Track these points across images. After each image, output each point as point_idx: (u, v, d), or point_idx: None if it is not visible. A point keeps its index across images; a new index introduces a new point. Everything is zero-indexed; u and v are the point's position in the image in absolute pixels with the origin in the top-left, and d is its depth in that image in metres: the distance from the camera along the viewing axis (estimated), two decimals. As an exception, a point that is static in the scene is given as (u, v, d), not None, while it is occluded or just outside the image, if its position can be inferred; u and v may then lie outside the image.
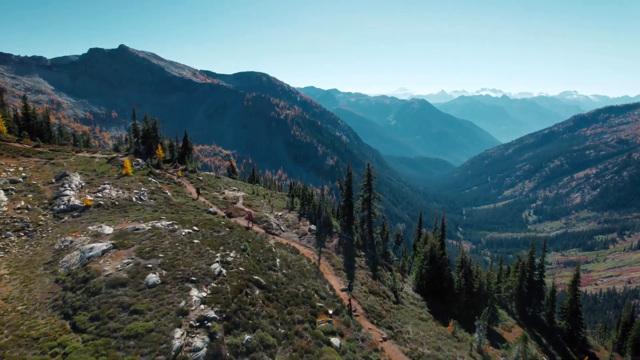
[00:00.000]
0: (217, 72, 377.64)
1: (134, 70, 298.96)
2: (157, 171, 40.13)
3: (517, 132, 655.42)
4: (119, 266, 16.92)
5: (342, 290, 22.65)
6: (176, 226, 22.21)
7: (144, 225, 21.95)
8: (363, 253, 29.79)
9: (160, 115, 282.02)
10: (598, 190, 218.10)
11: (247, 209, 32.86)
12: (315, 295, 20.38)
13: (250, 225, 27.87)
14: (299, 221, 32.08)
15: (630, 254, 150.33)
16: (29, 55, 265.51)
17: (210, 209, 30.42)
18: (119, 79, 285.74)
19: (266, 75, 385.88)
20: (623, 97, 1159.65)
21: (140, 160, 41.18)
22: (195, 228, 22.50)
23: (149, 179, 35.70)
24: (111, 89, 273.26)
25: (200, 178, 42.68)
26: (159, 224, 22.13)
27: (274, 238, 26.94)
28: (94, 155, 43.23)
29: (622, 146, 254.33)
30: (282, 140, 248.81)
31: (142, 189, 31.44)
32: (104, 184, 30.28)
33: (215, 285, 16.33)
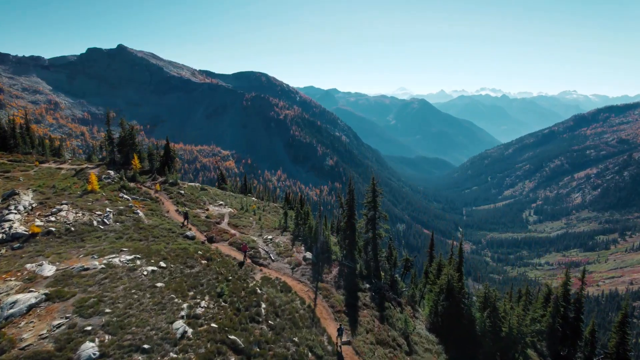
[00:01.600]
0: (216, 72, 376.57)
1: (133, 70, 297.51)
2: (132, 185, 35.34)
3: (517, 131, 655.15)
4: (46, 331, 12.60)
5: (344, 343, 18.84)
6: (138, 261, 18.57)
7: (96, 262, 17.83)
8: (367, 285, 25.72)
9: (159, 115, 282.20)
10: (599, 190, 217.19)
11: (232, 231, 29.13)
12: (310, 354, 16.41)
13: (244, 259, 23.77)
14: (292, 246, 27.68)
15: (632, 254, 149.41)
16: (27, 55, 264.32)
17: (188, 233, 26.28)
18: (117, 79, 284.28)
19: (265, 75, 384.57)
20: (623, 96, 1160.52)
21: (111, 173, 36.39)
22: (162, 264, 18.91)
23: (120, 195, 31.31)
24: (110, 89, 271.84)
25: (182, 192, 37.78)
26: (116, 260, 18.25)
27: (261, 270, 23.11)
28: (61, 166, 38.25)
29: (622, 146, 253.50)
30: (282, 140, 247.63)
31: (108, 209, 26.47)
32: (61, 205, 25.16)
33: (175, 356, 12.67)
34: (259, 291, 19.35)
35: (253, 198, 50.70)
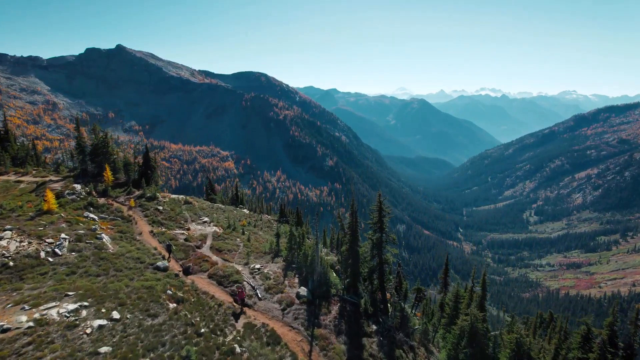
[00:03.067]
0: (216, 72, 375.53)
1: (132, 71, 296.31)
2: (102, 201, 30.88)
3: (516, 131, 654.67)
4: None
5: None
6: (84, 312, 14.50)
7: (24, 317, 13.41)
8: (374, 327, 21.70)
9: (158, 115, 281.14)
10: (600, 190, 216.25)
11: (213, 258, 25.13)
12: None
13: (240, 308, 19.47)
14: (284, 278, 23.52)
15: (634, 255, 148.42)
16: (25, 55, 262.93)
17: (159, 264, 22.03)
18: (116, 79, 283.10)
19: (265, 75, 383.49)
20: (622, 96, 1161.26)
21: (77, 187, 31.30)
22: (115, 314, 14.76)
23: (85, 214, 26.93)
24: (108, 90, 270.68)
25: (160, 208, 33.07)
26: (54, 312, 14.02)
27: (244, 313, 19.22)
28: (21, 179, 33.55)
29: (623, 146, 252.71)
30: (281, 140, 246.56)
31: (64, 234, 21.56)
32: (3, 231, 20.55)
33: None
34: (238, 349, 15.17)
35: (245, 210, 46.90)
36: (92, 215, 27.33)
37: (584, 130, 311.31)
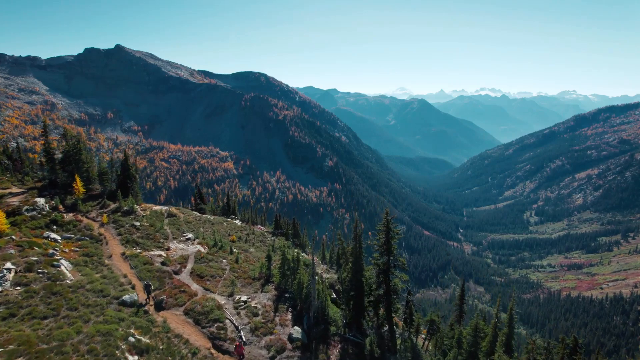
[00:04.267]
0: (215, 72, 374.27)
1: (131, 70, 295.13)
2: (69, 217, 26.90)
3: (516, 131, 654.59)
4: None
5: None
6: None
7: None
8: None
9: (157, 115, 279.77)
10: (600, 190, 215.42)
11: (193, 287, 21.68)
12: None
13: None
14: (275, 313, 20.14)
15: (636, 256, 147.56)
16: (24, 55, 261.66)
17: (126, 297, 18.54)
18: (115, 79, 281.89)
19: (265, 75, 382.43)
20: (622, 96, 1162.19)
21: (40, 201, 27.20)
22: None
23: (45, 234, 23.18)
24: (107, 90, 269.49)
25: (137, 224, 29.31)
26: None
27: None
28: None
29: (623, 146, 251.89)
30: (281, 141, 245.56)
31: (9, 264, 17.84)
32: None
33: None
34: None
35: (236, 221, 43.57)
36: (53, 236, 23.38)
37: (585, 130, 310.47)
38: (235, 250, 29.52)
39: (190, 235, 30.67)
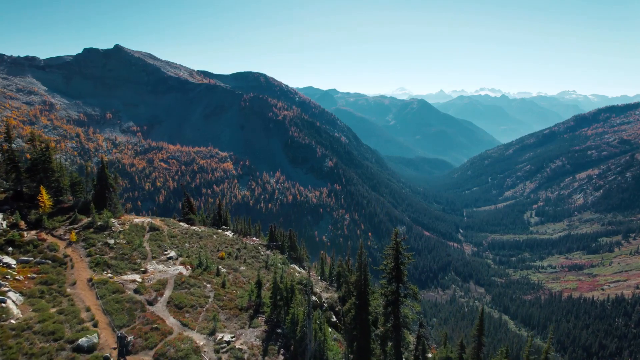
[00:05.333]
0: (215, 72, 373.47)
1: (130, 71, 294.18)
2: (30, 235, 23.59)
3: (516, 131, 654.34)
4: None
5: None
6: None
7: None
8: None
9: (156, 116, 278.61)
10: (601, 191, 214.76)
11: (169, 321, 18.79)
12: None
13: None
14: (264, 357, 17.29)
15: (637, 257, 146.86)
16: (22, 55, 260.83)
17: (83, 340, 15.51)
18: (114, 79, 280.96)
19: (264, 76, 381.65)
20: (622, 96, 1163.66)
21: None
22: None
23: None
24: (106, 90, 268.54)
25: (111, 241, 26.13)
26: None
27: None
28: None
29: (624, 146, 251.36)
30: (281, 141, 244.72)
31: None
32: None
33: None
34: None
35: (228, 233, 39.61)
36: (7, 260, 20.05)
37: (585, 130, 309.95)
38: (222, 270, 26.34)
39: (172, 254, 27.38)
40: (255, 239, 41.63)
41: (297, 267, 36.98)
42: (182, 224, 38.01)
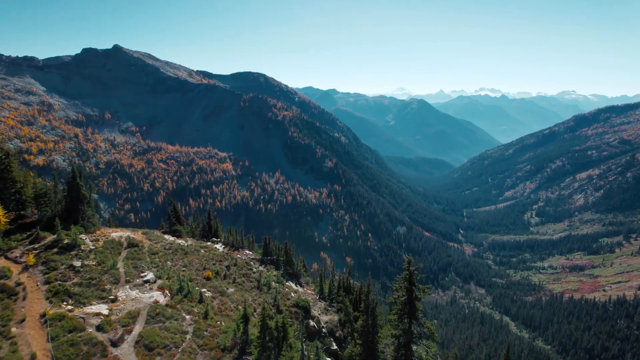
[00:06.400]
0: (214, 72, 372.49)
1: (129, 71, 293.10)
2: None
3: (516, 131, 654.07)
4: None
5: None
6: None
7: None
8: None
9: (155, 116, 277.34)
10: (601, 191, 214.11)
11: None
12: None
13: None
14: None
15: (638, 258, 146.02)
16: (20, 55, 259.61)
17: None
18: (113, 79, 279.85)
19: (264, 76, 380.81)
20: (622, 96, 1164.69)
21: None
22: None
23: None
24: (105, 90, 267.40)
25: (78, 264, 22.36)
26: None
27: None
28: None
29: (624, 146, 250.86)
30: (280, 141, 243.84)
31: None
32: None
33: None
34: None
35: (218, 246, 36.14)
36: None
37: (585, 130, 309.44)
38: (207, 294, 22.81)
39: (150, 276, 23.53)
40: (247, 252, 38.07)
41: (293, 285, 33.65)
42: (166, 236, 35.05)
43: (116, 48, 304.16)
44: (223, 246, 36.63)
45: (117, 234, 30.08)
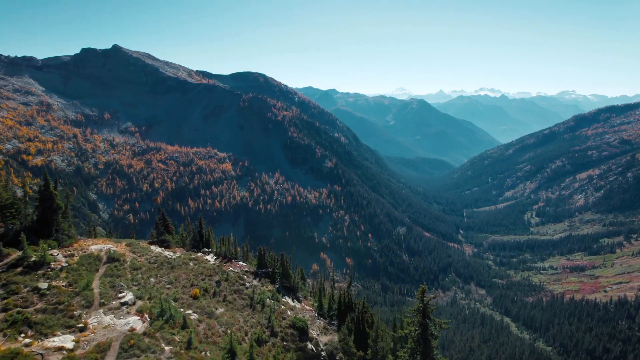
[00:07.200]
0: (214, 72, 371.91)
1: (128, 71, 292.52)
2: None
3: (516, 131, 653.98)
4: None
5: None
6: None
7: None
8: None
9: (155, 116, 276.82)
10: (602, 191, 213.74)
11: None
12: None
13: None
14: None
15: (639, 258, 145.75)
16: (19, 55, 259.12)
17: None
18: (112, 79, 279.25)
19: (264, 76, 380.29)
20: (621, 96, 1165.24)
21: None
22: None
23: None
24: (104, 90, 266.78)
25: (44, 285, 18.96)
26: None
27: None
28: None
29: (625, 146, 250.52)
30: (280, 141, 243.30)
31: None
32: None
33: None
34: None
35: (209, 257, 33.21)
36: None
37: (585, 130, 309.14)
38: (193, 317, 20.03)
39: (128, 297, 20.46)
40: (241, 263, 35.01)
41: (289, 301, 31.09)
42: (153, 248, 31.98)
43: (115, 48, 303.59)
44: (215, 257, 33.93)
45: (97, 246, 26.76)
